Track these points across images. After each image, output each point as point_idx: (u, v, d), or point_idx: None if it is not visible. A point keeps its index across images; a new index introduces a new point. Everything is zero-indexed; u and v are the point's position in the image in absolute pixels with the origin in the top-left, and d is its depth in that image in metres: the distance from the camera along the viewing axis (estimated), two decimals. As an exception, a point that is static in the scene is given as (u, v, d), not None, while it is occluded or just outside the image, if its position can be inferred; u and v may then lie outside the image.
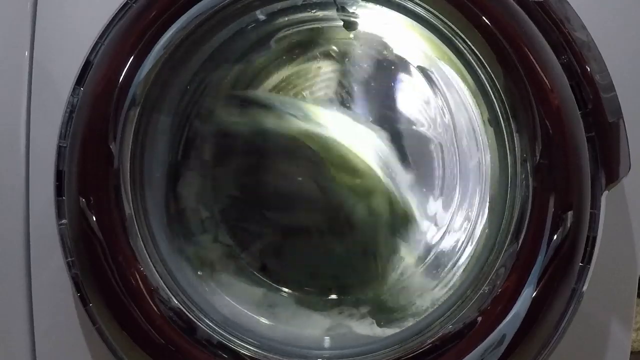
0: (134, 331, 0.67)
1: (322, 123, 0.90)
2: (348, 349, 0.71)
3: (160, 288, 0.69)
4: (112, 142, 0.68)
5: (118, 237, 0.68)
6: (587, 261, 0.65)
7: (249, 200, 0.86)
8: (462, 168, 0.94)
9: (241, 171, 0.87)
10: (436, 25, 0.70)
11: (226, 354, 0.68)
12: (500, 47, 0.65)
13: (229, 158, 0.87)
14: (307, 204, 0.86)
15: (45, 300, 0.77)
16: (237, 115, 0.87)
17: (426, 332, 0.67)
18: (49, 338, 0.78)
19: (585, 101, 0.66)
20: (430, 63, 0.91)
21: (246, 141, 0.86)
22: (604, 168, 0.66)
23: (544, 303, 0.64)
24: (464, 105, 0.86)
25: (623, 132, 0.67)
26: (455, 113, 0.92)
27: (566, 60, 0.67)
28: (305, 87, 1.00)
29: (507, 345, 0.64)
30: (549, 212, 0.63)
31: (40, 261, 0.77)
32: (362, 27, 0.91)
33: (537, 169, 0.64)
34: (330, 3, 0.81)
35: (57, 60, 0.77)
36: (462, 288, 0.70)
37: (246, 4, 0.73)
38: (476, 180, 0.85)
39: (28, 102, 0.77)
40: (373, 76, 1.02)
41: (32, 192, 0.77)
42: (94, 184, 0.68)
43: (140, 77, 0.69)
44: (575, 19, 0.69)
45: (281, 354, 0.69)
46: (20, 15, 0.77)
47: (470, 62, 0.69)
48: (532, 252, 0.64)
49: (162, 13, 0.69)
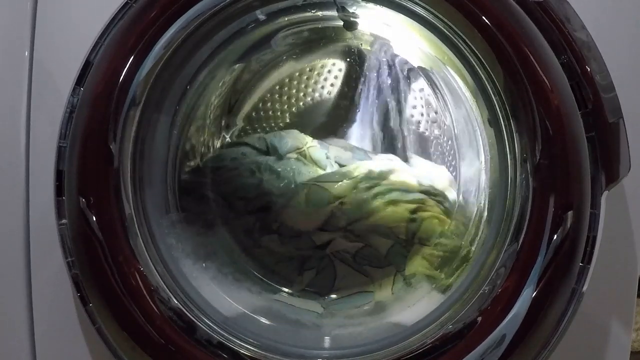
0: (134, 331, 0.67)
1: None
2: (348, 349, 0.71)
3: (160, 288, 0.69)
4: (112, 142, 0.68)
5: (118, 237, 0.68)
6: (587, 261, 0.65)
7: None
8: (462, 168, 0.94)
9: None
10: (436, 25, 0.70)
11: (226, 354, 0.68)
12: (500, 47, 0.65)
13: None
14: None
15: (45, 300, 0.77)
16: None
17: (426, 332, 0.67)
18: (49, 338, 0.78)
19: (585, 101, 0.66)
20: (431, 63, 0.91)
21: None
22: (604, 168, 0.66)
23: (544, 303, 0.64)
24: (464, 105, 0.86)
25: (623, 132, 0.67)
26: (455, 113, 0.92)
27: (566, 60, 0.67)
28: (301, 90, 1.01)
29: (507, 345, 0.64)
30: (549, 212, 0.63)
31: (40, 261, 0.77)
32: (362, 27, 0.91)
33: (537, 169, 0.64)
34: (330, 3, 0.81)
35: (57, 60, 0.77)
36: (462, 288, 0.70)
37: (246, 4, 0.73)
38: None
39: (28, 102, 0.77)
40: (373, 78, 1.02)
41: (32, 192, 0.77)
42: (94, 184, 0.68)
43: (141, 77, 0.69)
44: (575, 19, 0.69)
45: (281, 354, 0.69)
46: (20, 15, 0.77)
47: (470, 62, 0.69)
48: (532, 252, 0.64)
49: (162, 13, 0.69)
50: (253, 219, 0.90)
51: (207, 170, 0.91)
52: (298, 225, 0.90)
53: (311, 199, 0.90)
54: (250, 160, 0.92)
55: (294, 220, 0.90)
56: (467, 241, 0.83)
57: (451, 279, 0.79)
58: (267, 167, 0.92)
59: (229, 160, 0.91)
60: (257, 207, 0.91)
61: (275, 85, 0.99)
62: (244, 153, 0.92)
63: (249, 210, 0.91)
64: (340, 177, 0.93)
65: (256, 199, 0.90)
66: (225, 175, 0.91)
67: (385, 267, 0.88)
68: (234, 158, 0.92)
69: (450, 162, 0.95)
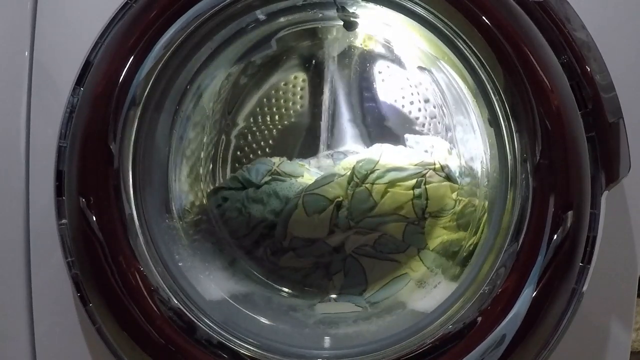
0: (134, 331, 0.67)
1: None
2: (348, 349, 0.71)
3: (160, 288, 0.69)
4: (112, 142, 0.68)
5: (118, 237, 0.68)
6: (587, 261, 0.65)
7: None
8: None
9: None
10: (436, 25, 0.70)
11: (226, 354, 0.68)
12: (500, 47, 0.65)
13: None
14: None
15: (45, 300, 0.77)
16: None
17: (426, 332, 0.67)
18: (49, 338, 0.78)
19: (585, 101, 0.66)
20: (431, 63, 0.91)
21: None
22: (604, 168, 0.66)
23: (544, 303, 0.63)
24: (464, 105, 0.86)
25: (623, 132, 0.67)
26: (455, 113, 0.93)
27: (566, 60, 0.67)
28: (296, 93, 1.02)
29: (507, 345, 0.63)
30: (549, 212, 0.63)
31: (40, 261, 0.77)
32: (362, 27, 0.91)
33: (537, 169, 0.64)
34: (330, 3, 0.81)
35: (57, 60, 0.77)
36: (462, 288, 0.70)
37: (246, 4, 0.73)
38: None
39: (28, 102, 0.77)
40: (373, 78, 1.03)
41: (32, 192, 0.77)
42: (94, 184, 0.68)
43: (141, 77, 0.69)
44: (575, 19, 0.69)
45: (281, 354, 0.69)
46: (20, 15, 0.77)
47: (470, 62, 0.69)
48: (532, 252, 0.64)
49: (162, 13, 0.69)
50: (262, 249, 0.91)
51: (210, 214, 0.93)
52: (307, 235, 0.91)
53: (308, 207, 0.90)
54: (232, 200, 0.94)
55: (302, 232, 0.91)
56: (482, 197, 0.83)
57: (475, 237, 0.79)
58: (249, 199, 0.93)
59: (215, 209, 0.93)
60: (259, 236, 0.92)
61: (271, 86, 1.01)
62: (224, 197, 0.94)
63: (254, 241, 0.92)
64: (330, 178, 0.93)
65: (254, 230, 0.92)
66: (220, 221, 0.93)
67: (406, 249, 0.88)
68: (219, 205, 0.93)
69: (446, 135, 0.97)
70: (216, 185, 0.98)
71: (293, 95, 1.04)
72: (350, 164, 0.95)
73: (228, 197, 0.95)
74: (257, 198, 0.94)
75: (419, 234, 0.89)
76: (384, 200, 0.90)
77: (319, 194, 0.92)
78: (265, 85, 1.02)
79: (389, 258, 0.88)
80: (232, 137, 1.02)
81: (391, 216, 0.90)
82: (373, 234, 0.90)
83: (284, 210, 0.92)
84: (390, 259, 0.88)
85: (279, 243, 0.91)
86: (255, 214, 0.93)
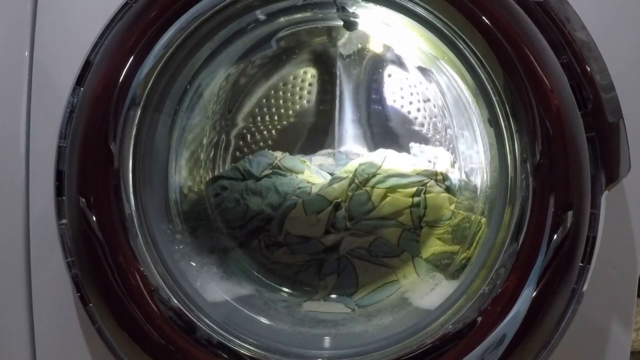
0: (134, 331, 0.67)
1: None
2: (347, 349, 0.71)
3: (160, 288, 0.69)
4: (112, 142, 0.68)
5: (118, 237, 0.68)
6: (587, 261, 0.65)
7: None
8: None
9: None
10: (436, 25, 0.70)
11: (226, 354, 0.68)
12: (500, 47, 0.65)
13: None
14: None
15: (45, 300, 0.77)
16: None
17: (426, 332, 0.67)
18: (49, 338, 0.78)
19: (585, 101, 0.66)
20: (430, 63, 0.92)
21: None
22: (604, 168, 0.66)
23: (544, 303, 0.63)
24: (464, 105, 0.86)
25: (623, 132, 0.67)
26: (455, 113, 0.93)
27: (566, 60, 0.67)
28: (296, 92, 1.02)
29: (507, 345, 0.63)
30: (549, 212, 0.63)
31: (40, 261, 0.77)
32: (362, 27, 0.91)
33: (537, 169, 0.64)
34: (330, 3, 0.81)
35: (57, 60, 0.77)
36: (462, 288, 0.70)
37: (246, 4, 0.73)
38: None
39: (28, 102, 0.77)
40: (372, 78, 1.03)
41: (32, 192, 0.77)
42: (94, 184, 0.68)
43: (141, 77, 0.69)
44: (575, 19, 0.69)
45: (281, 354, 0.69)
46: (20, 15, 0.77)
47: (470, 62, 0.69)
48: (532, 252, 0.64)
49: (162, 13, 0.69)
50: (256, 240, 0.92)
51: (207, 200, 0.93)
52: (303, 233, 0.91)
53: (308, 207, 0.91)
54: (231, 190, 0.94)
55: (299, 230, 0.91)
56: (478, 212, 0.83)
57: (470, 250, 0.79)
58: (248, 191, 0.94)
59: (212, 197, 0.93)
60: (254, 228, 0.92)
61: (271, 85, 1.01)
62: (223, 186, 0.94)
63: (249, 233, 0.92)
64: (331, 182, 0.94)
65: (250, 222, 0.92)
66: (216, 210, 0.93)
67: (400, 255, 0.88)
68: (217, 194, 0.93)
69: (448, 146, 0.97)
70: (216, 174, 0.98)
71: (295, 94, 1.04)
72: (353, 167, 0.95)
73: (227, 186, 0.95)
74: (257, 190, 0.94)
75: (414, 241, 0.89)
76: (382, 205, 0.90)
77: (320, 195, 0.92)
78: (266, 84, 1.02)
79: (382, 263, 0.89)
80: (232, 137, 1.02)
81: (388, 221, 0.90)
82: (368, 237, 0.90)
83: (283, 206, 0.92)
84: (383, 263, 0.89)
85: (274, 237, 0.92)
86: (253, 206, 0.93)
